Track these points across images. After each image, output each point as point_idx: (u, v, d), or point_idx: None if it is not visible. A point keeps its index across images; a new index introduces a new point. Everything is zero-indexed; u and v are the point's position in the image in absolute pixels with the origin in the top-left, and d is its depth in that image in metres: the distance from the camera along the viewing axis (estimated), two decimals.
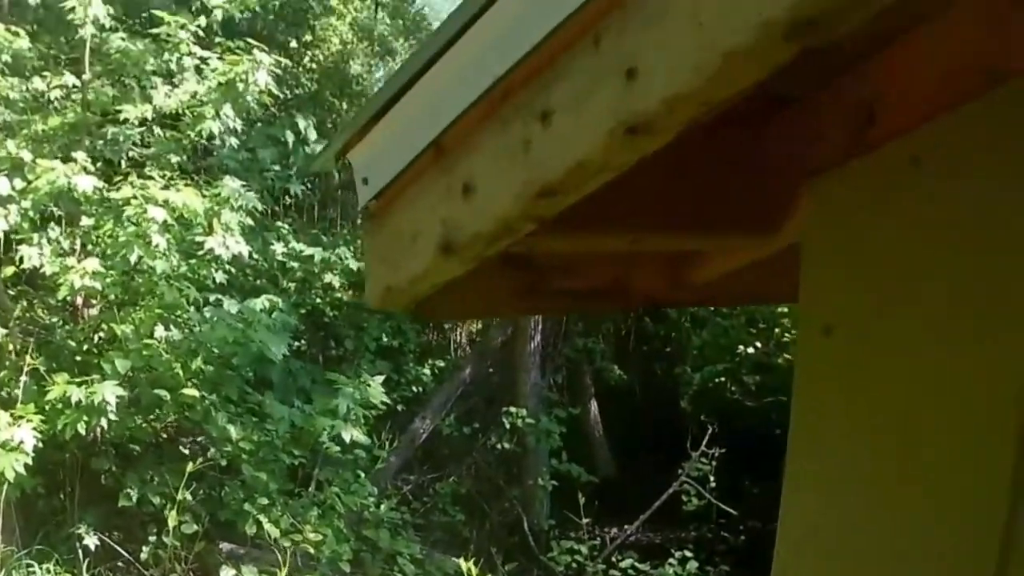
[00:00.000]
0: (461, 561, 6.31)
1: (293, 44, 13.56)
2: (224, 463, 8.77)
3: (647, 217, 2.06)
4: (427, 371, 13.07)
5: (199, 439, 9.49)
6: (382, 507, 9.72)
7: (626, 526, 11.80)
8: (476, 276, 2.00)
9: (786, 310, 13.13)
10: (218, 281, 8.82)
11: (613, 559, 10.77)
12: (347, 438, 8.96)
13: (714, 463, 11.80)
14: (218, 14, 8.97)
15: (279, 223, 11.23)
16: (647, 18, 1.38)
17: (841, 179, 2.01)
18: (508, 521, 12.31)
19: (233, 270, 9.27)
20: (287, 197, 11.69)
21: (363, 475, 9.84)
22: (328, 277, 10.43)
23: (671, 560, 10.70)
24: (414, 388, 12.81)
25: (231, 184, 8.50)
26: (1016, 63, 1.73)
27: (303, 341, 9.87)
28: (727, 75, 1.29)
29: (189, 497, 8.32)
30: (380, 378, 9.68)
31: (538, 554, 11.47)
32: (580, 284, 2.41)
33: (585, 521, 10.44)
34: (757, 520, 12.28)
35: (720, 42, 1.27)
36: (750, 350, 13.37)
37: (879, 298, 1.96)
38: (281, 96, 9.67)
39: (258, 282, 10.53)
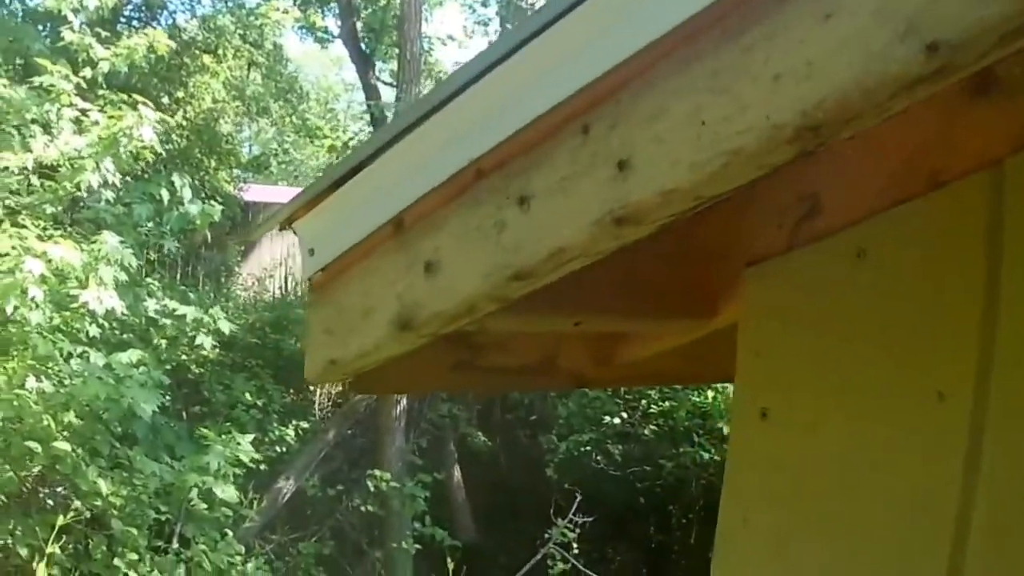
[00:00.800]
0: None
1: (165, 100, 13.40)
2: (89, 516, 8.54)
3: (590, 300, 2.08)
4: (291, 431, 12.90)
5: (62, 492, 9.22)
6: (248, 566, 9.53)
7: None
8: (413, 353, 1.98)
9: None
10: (91, 335, 8.63)
11: None
12: (219, 494, 8.83)
13: (578, 531, 11.84)
14: (104, 66, 8.84)
15: (148, 279, 11.01)
16: (643, 113, 1.40)
17: (783, 267, 2.06)
18: None
19: (106, 324, 9.06)
20: (156, 254, 11.51)
21: (230, 533, 9.66)
22: (200, 338, 10.25)
23: None
24: (278, 448, 12.63)
25: (111, 240, 8.35)
26: (958, 167, 1.81)
27: (167, 397, 9.65)
28: (726, 174, 1.32)
29: (58, 550, 8.06)
30: (249, 436, 9.61)
31: None
32: (512, 361, 2.42)
33: None
34: None
35: (723, 143, 1.29)
36: (616, 420, 13.50)
37: (818, 384, 2.01)
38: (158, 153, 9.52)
39: (124, 336, 10.30)
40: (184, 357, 11.75)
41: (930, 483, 1.81)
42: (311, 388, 14.35)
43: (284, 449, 12.65)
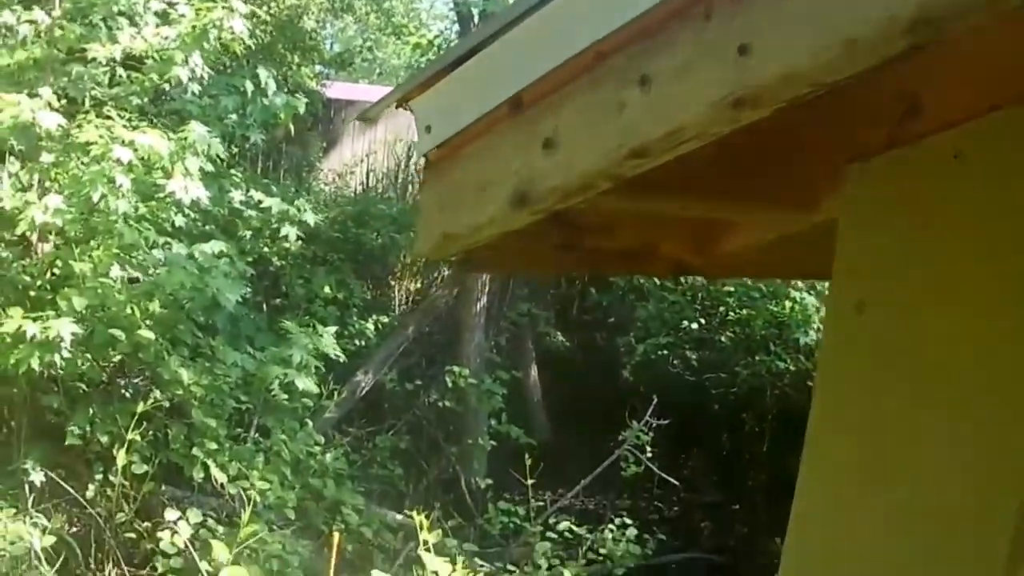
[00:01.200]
0: (414, 514, 6.36)
1: None
2: (169, 406, 8.76)
3: (697, 184, 2.15)
4: (371, 326, 13.11)
5: (141, 381, 9.48)
6: (328, 456, 9.77)
7: (560, 490, 11.93)
8: (522, 231, 2.07)
9: (732, 289, 13.36)
10: (176, 225, 8.81)
11: (549, 522, 10.93)
12: (300, 387, 9.03)
13: (651, 434, 11.96)
14: None
15: (232, 171, 11.19)
16: (765, 1, 1.46)
17: (884, 166, 2.10)
18: (445, 478, 12.43)
19: (192, 215, 9.26)
20: (240, 147, 11.66)
21: (310, 424, 9.90)
22: (285, 229, 10.42)
23: (611, 526, 10.90)
24: (357, 342, 12.83)
25: (198, 129, 8.47)
26: None
27: (249, 289, 9.86)
28: (842, 61, 1.39)
29: (138, 438, 8.31)
30: (332, 329, 9.79)
31: (475, 513, 11.59)
32: (615, 244, 2.51)
33: (530, 483, 10.55)
34: (692, 492, 12.56)
35: (842, 30, 1.36)
36: (693, 325, 13.56)
37: (914, 281, 2.06)
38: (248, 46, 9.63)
39: (206, 228, 10.49)
40: (266, 249, 11.96)
41: (1022, 376, 1.86)
42: (391, 283, 14.59)
43: (363, 343, 12.85)
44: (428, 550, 6.23)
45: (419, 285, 14.99)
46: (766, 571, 11.30)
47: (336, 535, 6.18)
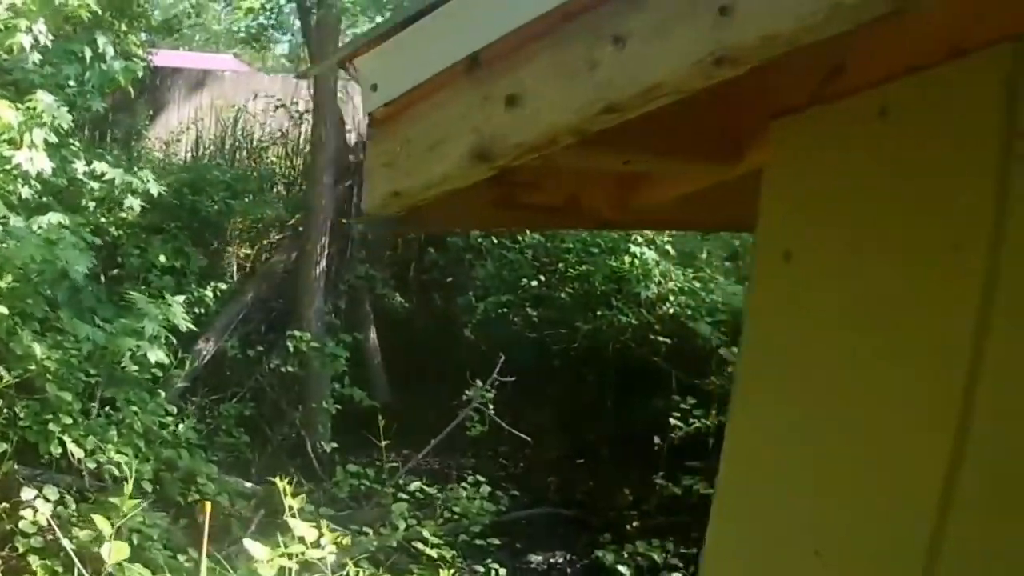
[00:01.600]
0: (277, 480, 6.32)
1: None
2: (17, 382, 8.49)
3: (619, 139, 2.21)
4: (209, 293, 12.91)
5: None
6: (180, 427, 9.62)
7: (405, 451, 11.98)
8: (462, 189, 2.11)
9: (571, 245, 13.58)
10: (23, 197, 8.53)
11: (399, 483, 11.00)
12: (153, 359, 8.88)
13: (494, 392, 12.11)
14: None
15: (71, 141, 10.84)
16: None
17: (808, 122, 2.19)
18: (291, 444, 12.36)
19: (33, 186, 8.95)
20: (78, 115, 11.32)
21: (162, 394, 9.73)
22: (128, 200, 10.18)
23: (464, 484, 11.03)
24: (196, 310, 12.61)
25: (45, 99, 8.22)
26: (980, 37, 1.96)
27: (95, 261, 9.58)
28: (826, 24, 1.47)
29: None
30: (180, 298, 9.64)
31: (323, 477, 11.56)
32: (543, 200, 2.56)
33: (385, 443, 10.58)
34: (537, 448, 12.77)
35: None
36: (533, 283, 13.73)
37: (841, 231, 2.14)
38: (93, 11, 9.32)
39: (43, 199, 10.16)
40: (103, 220, 11.68)
41: (945, 327, 1.96)
42: (227, 250, 14.38)
43: (203, 311, 12.67)
44: (294, 515, 6.20)
45: (251, 251, 14.80)
46: (614, 522, 11.63)
47: (208, 504, 6.09)
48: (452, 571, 6.22)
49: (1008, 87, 1.90)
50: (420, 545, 9.26)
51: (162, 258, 12.66)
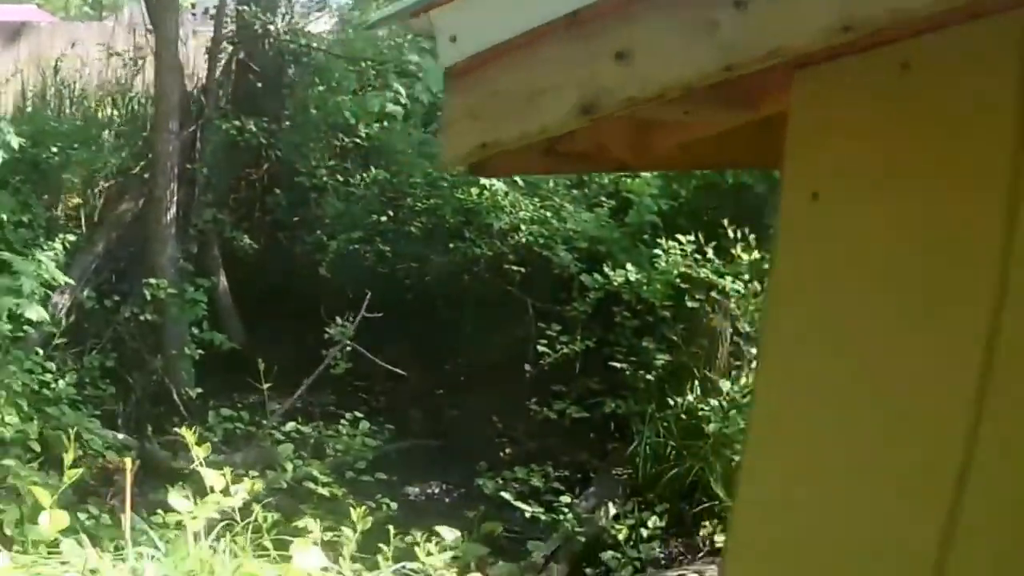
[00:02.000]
0: (184, 430, 6.25)
1: None
2: None
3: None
4: (58, 245, 12.56)
5: None
6: (60, 383, 9.45)
7: (268, 392, 11.95)
8: None
9: (418, 180, 13.65)
10: None
11: (275, 424, 11.05)
12: (34, 317, 8.71)
13: (353, 329, 12.21)
14: None
15: None
16: None
17: (832, 73, 2.36)
18: (155, 391, 12.23)
19: None
20: None
21: (40, 352, 9.53)
22: None
23: (343, 422, 11.16)
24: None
25: None
26: (994, 6, 2.12)
27: None
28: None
29: None
30: (51, 252, 9.43)
31: (192, 423, 11.47)
32: (577, 147, 2.75)
33: (266, 386, 10.59)
34: (397, 381, 12.94)
35: None
36: (383, 219, 13.79)
37: (865, 173, 2.34)
38: None
39: None
40: None
41: (969, 265, 2.17)
42: (73, 200, 14.00)
43: (56, 263, 12.33)
44: (201, 465, 6.19)
45: (97, 202, 14.41)
46: (479, 451, 11.89)
47: (128, 461, 6.01)
48: (362, 508, 6.32)
49: (1021, 49, 2.12)
50: (311, 484, 9.37)
51: (10, 213, 12.26)
